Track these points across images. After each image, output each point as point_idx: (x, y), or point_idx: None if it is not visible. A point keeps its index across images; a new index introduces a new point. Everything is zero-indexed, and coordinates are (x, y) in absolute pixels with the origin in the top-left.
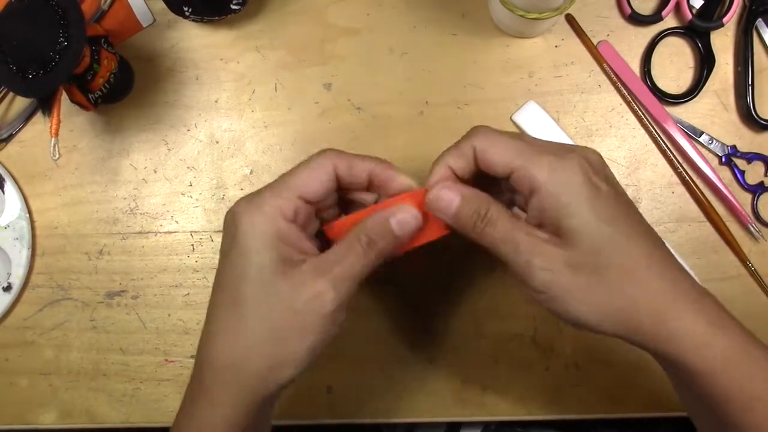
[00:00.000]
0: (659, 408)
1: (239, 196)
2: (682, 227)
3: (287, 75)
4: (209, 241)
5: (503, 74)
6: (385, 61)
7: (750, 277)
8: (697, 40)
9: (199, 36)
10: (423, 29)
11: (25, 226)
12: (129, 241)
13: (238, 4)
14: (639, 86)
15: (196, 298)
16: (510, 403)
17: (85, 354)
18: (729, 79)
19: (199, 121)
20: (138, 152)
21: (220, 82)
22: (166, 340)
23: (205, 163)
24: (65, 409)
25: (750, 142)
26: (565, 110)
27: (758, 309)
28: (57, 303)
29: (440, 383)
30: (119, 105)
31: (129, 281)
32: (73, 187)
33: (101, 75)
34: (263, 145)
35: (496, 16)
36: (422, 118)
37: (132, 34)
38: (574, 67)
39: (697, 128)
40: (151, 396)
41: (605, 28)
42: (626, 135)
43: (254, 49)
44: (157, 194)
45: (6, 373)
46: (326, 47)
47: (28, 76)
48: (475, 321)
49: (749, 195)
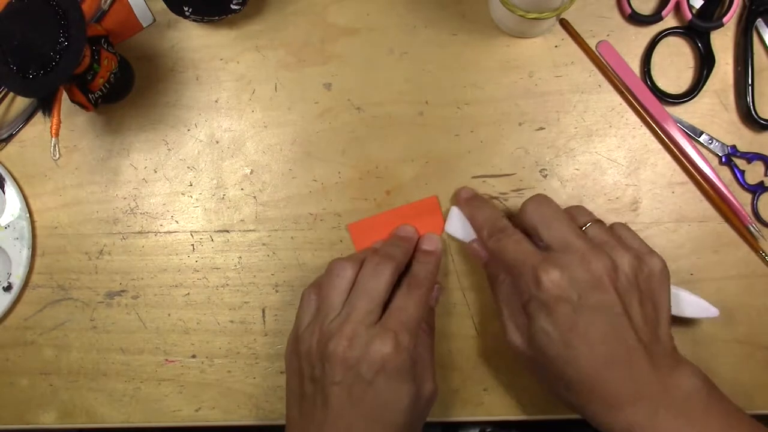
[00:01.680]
0: None
1: (239, 196)
2: (682, 227)
3: (287, 75)
4: (209, 241)
5: (503, 74)
6: (385, 61)
7: (750, 277)
8: (697, 40)
9: (199, 36)
10: (423, 29)
11: (26, 226)
12: (129, 241)
13: (238, 4)
14: (639, 86)
15: (196, 297)
16: (510, 403)
17: (85, 354)
18: (729, 79)
19: (199, 121)
20: (138, 152)
21: (220, 82)
22: (166, 340)
23: (205, 163)
24: (65, 409)
25: (750, 142)
26: (565, 110)
27: (758, 309)
28: (57, 303)
29: (440, 383)
30: (119, 105)
31: (129, 281)
32: (73, 187)
33: (101, 75)
34: (263, 145)
35: (496, 16)
36: (422, 118)
37: (132, 34)
38: (574, 67)
39: (697, 128)
40: (151, 396)
41: (605, 28)
42: (626, 135)
43: (254, 49)
44: (157, 194)
45: (6, 373)
46: (326, 47)
47: (29, 76)
48: (475, 321)
49: (749, 195)
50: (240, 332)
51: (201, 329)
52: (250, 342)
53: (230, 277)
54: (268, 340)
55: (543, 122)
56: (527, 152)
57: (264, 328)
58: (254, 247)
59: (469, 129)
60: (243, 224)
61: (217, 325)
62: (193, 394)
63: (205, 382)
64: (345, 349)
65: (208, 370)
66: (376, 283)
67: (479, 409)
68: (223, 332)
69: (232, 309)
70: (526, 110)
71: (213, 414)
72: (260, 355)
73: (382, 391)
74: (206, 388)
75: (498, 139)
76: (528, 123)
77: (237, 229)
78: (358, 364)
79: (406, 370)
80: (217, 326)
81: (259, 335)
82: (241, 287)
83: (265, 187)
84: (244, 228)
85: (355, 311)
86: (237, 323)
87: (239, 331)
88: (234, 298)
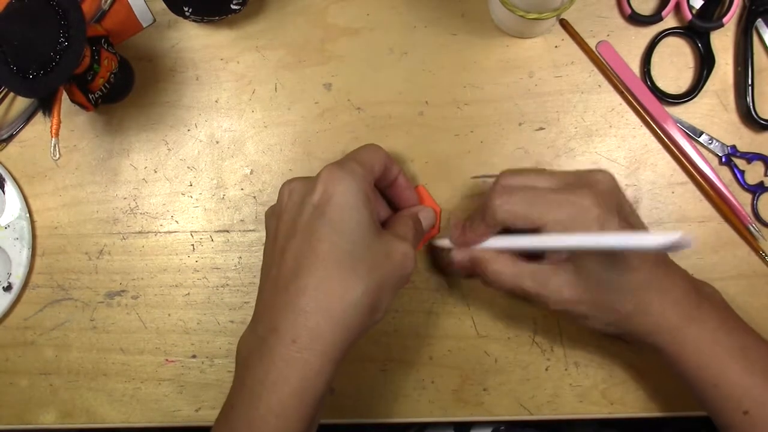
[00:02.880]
0: (659, 408)
1: (239, 196)
2: (682, 227)
3: (287, 75)
4: (209, 241)
5: (503, 74)
6: (385, 61)
7: (750, 277)
8: (696, 40)
9: (199, 36)
10: (423, 29)
11: (26, 226)
12: (129, 241)
13: (238, 4)
14: (639, 86)
15: (196, 297)
16: (510, 403)
17: (85, 354)
18: (729, 79)
19: (199, 121)
20: (138, 152)
21: (220, 82)
22: (166, 340)
23: (205, 163)
24: (65, 409)
25: (750, 142)
26: (565, 110)
27: (758, 309)
28: (57, 303)
29: (440, 383)
30: (119, 105)
31: (129, 281)
32: (73, 187)
33: (101, 75)
34: (263, 145)
35: (496, 16)
36: (422, 118)
37: (132, 34)
38: (574, 67)
39: (697, 128)
40: (151, 396)
41: (605, 28)
42: (626, 135)
43: (254, 49)
44: (157, 194)
45: (6, 373)
46: (326, 47)
47: (29, 76)
48: (475, 321)
49: (749, 195)
50: (240, 332)
51: (201, 329)
52: None
53: (230, 277)
54: None
55: (543, 122)
56: (527, 152)
57: None
58: (254, 247)
59: (469, 129)
60: (243, 224)
61: (217, 325)
62: (193, 394)
63: (205, 382)
64: (290, 182)
65: (208, 370)
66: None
67: (479, 409)
68: (223, 332)
69: (232, 309)
70: (526, 110)
71: (213, 414)
72: None
73: (325, 213)
74: (206, 388)
75: (498, 139)
76: (528, 123)
77: (237, 229)
78: (302, 192)
79: (353, 192)
80: (217, 326)
81: None
82: (241, 287)
83: (265, 187)
84: (244, 228)
85: None
86: (237, 323)
87: (239, 331)
88: (234, 298)
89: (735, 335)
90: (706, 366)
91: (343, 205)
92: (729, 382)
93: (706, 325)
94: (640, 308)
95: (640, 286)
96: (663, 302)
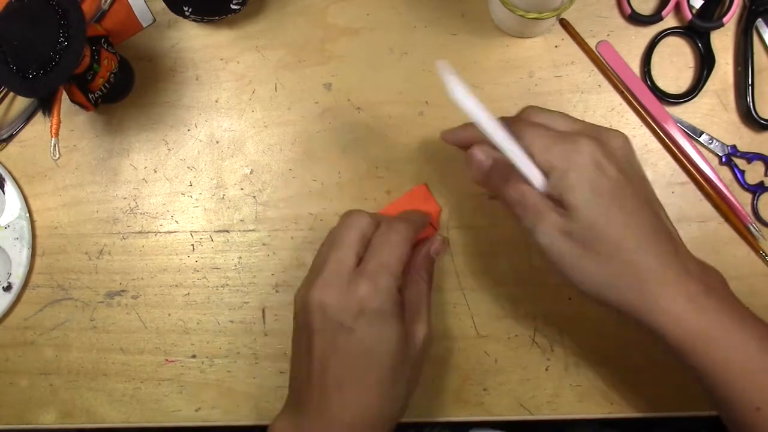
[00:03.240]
0: (659, 408)
1: (239, 196)
2: (682, 227)
3: (287, 75)
4: (209, 241)
5: (503, 74)
6: (385, 61)
7: (750, 277)
8: (697, 40)
9: (199, 36)
10: (423, 29)
11: (25, 226)
12: (129, 241)
13: (238, 4)
14: (639, 86)
15: (196, 297)
16: (510, 403)
17: (85, 354)
18: (729, 79)
19: (199, 121)
20: (138, 152)
21: (220, 82)
22: (166, 340)
23: (205, 163)
24: (65, 409)
25: (750, 142)
26: (565, 110)
27: (758, 309)
28: (57, 303)
29: (440, 383)
30: (119, 105)
31: (129, 281)
32: (73, 187)
33: (101, 75)
34: (263, 145)
35: (496, 16)
36: (422, 118)
37: (132, 34)
38: (574, 67)
39: (697, 128)
40: (151, 396)
41: (605, 28)
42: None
43: (254, 49)
44: (157, 194)
45: (6, 373)
46: (326, 47)
47: (28, 76)
48: (475, 321)
49: (749, 195)
50: (240, 332)
51: (201, 329)
52: (250, 342)
53: (230, 277)
54: (268, 340)
55: None
56: None
57: (264, 328)
58: (254, 247)
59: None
60: (243, 224)
61: (217, 325)
62: (193, 394)
63: (205, 382)
64: (321, 295)
65: (208, 370)
66: (346, 232)
67: (479, 409)
68: (223, 332)
69: (232, 309)
70: None
71: (213, 414)
72: (260, 355)
73: (365, 335)
74: (206, 388)
75: None
76: None
77: (237, 229)
78: (337, 311)
79: (388, 311)
80: (217, 326)
81: (259, 335)
82: (241, 287)
83: (265, 187)
84: (244, 228)
85: (333, 261)
86: (237, 323)
87: (239, 331)
88: (234, 298)
89: (747, 326)
90: (712, 361)
91: (379, 328)
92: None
93: (713, 315)
94: (638, 277)
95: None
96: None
